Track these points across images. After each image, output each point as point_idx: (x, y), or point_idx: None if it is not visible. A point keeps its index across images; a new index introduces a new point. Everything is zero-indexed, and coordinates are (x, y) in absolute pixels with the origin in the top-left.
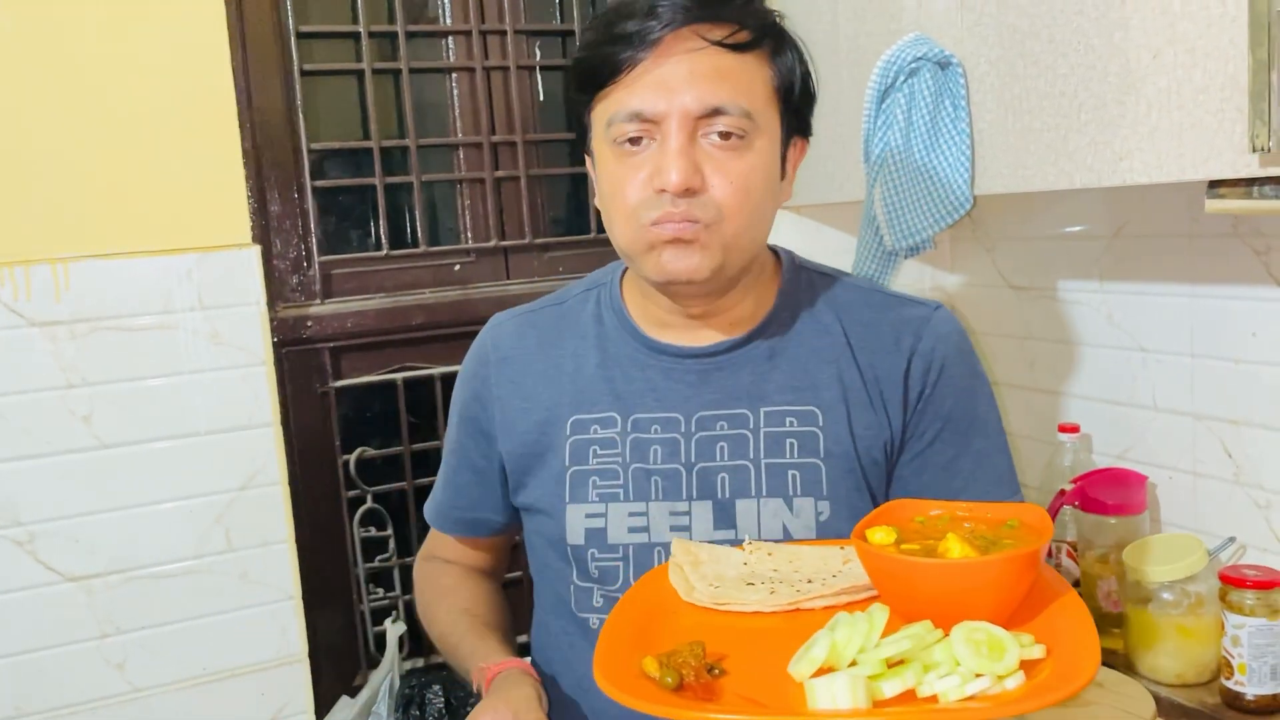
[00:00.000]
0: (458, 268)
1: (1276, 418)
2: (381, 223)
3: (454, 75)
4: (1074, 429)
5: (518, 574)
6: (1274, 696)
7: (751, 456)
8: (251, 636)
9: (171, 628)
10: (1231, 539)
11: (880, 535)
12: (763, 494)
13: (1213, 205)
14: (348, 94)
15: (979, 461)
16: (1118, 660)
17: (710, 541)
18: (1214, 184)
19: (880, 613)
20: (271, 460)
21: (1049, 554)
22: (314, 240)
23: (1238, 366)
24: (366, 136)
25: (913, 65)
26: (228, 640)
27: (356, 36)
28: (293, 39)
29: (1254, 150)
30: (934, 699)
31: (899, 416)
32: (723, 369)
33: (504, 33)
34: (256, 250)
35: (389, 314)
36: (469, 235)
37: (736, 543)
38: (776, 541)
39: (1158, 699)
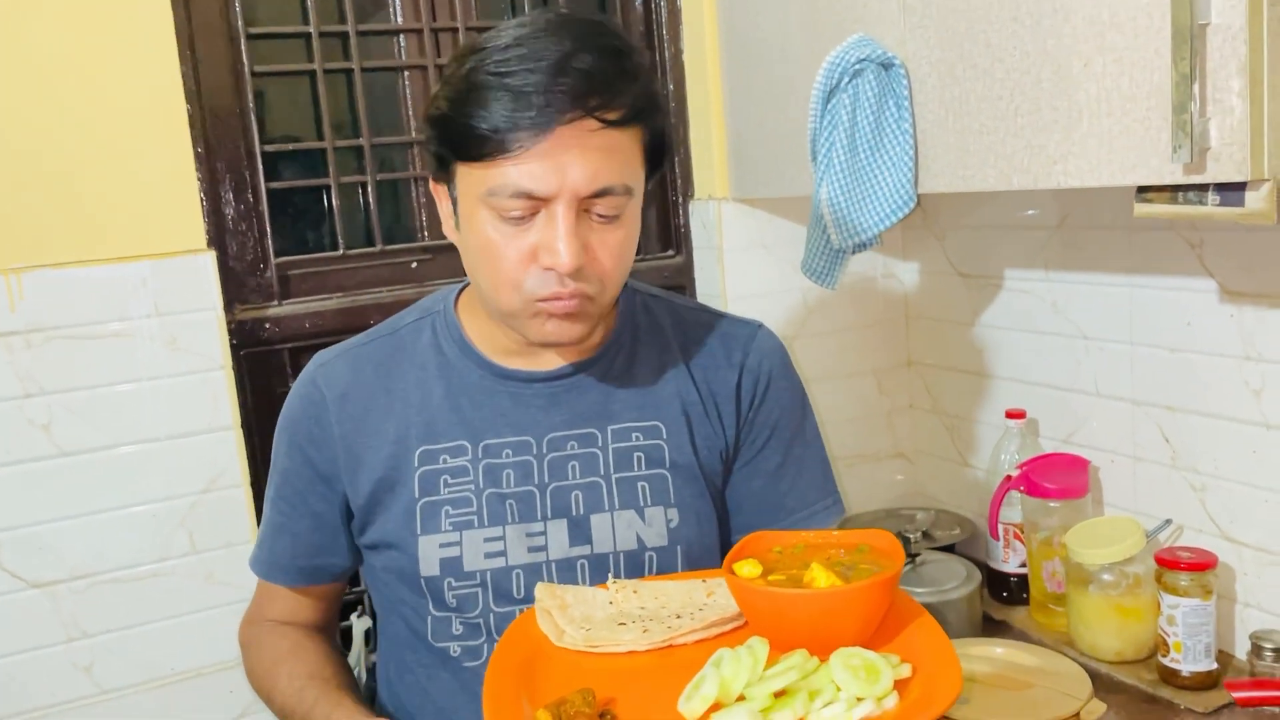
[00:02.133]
0: (415, 265)
1: (1210, 404)
2: (337, 222)
3: (406, 74)
4: (1020, 414)
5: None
6: (1208, 673)
7: (602, 472)
8: (218, 636)
9: (138, 630)
10: (1168, 521)
11: (747, 569)
12: (615, 507)
13: (1141, 210)
14: (300, 94)
15: (801, 467)
16: (1060, 639)
17: (567, 560)
18: (1142, 189)
19: (761, 646)
20: (233, 463)
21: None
22: (269, 242)
23: (1173, 355)
24: (320, 136)
25: (857, 66)
26: (194, 640)
27: (307, 37)
28: (243, 40)
29: (1176, 159)
30: None
31: (733, 427)
32: (570, 391)
33: (455, 30)
34: (212, 255)
35: (347, 313)
36: (425, 233)
37: (604, 566)
38: (641, 571)
39: (1097, 676)
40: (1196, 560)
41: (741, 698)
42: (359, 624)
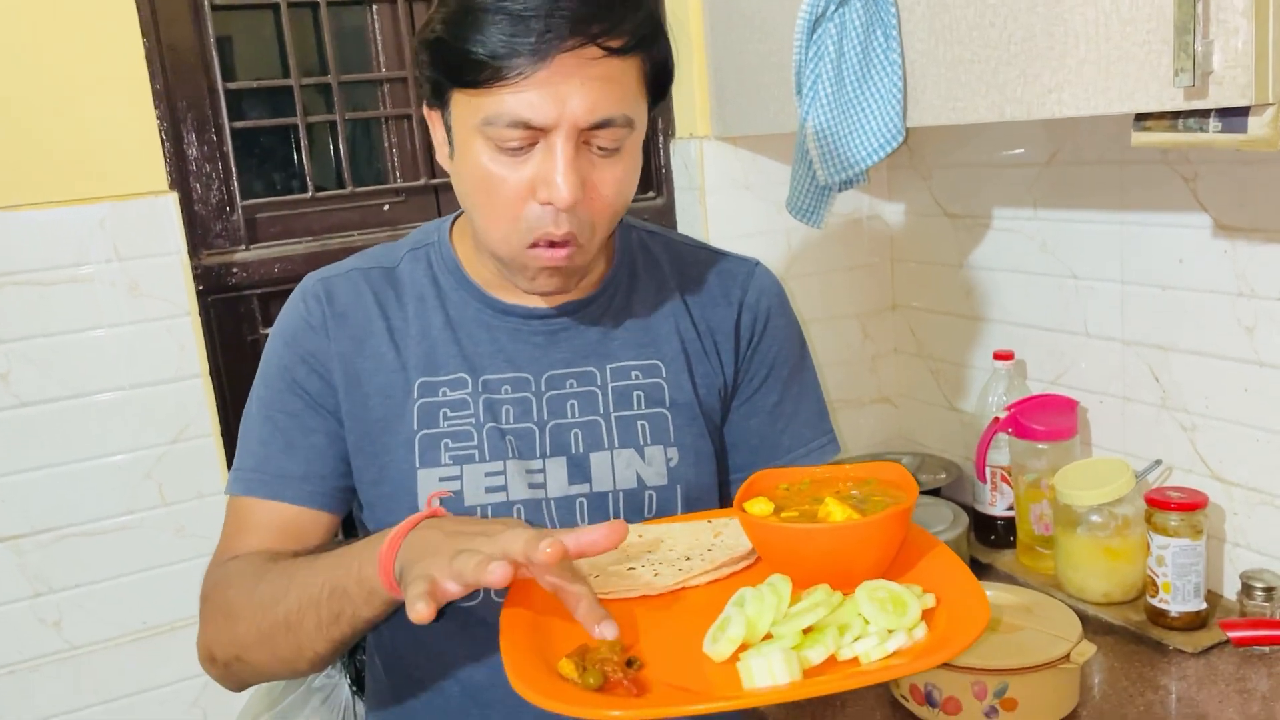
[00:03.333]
0: (387, 208)
1: (1200, 343)
2: (305, 164)
3: (375, 8)
4: (1008, 356)
5: None
6: (1196, 613)
7: (601, 411)
8: (190, 590)
9: (107, 584)
10: (1158, 462)
11: (759, 507)
12: (615, 446)
13: (1138, 138)
14: (264, 30)
15: (798, 405)
16: (1047, 582)
17: (566, 498)
18: (1140, 117)
19: (784, 583)
20: (203, 412)
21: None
22: (235, 184)
23: (1165, 293)
24: (285, 74)
25: None
26: (166, 594)
27: None
28: None
29: (1178, 84)
30: (855, 661)
31: (731, 364)
32: (569, 329)
33: None
34: (174, 197)
35: (317, 258)
36: (398, 174)
37: (603, 504)
38: (642, 523)
39: (1085, 617)
40: (1187, 500)
41: (768, 636)
42: None
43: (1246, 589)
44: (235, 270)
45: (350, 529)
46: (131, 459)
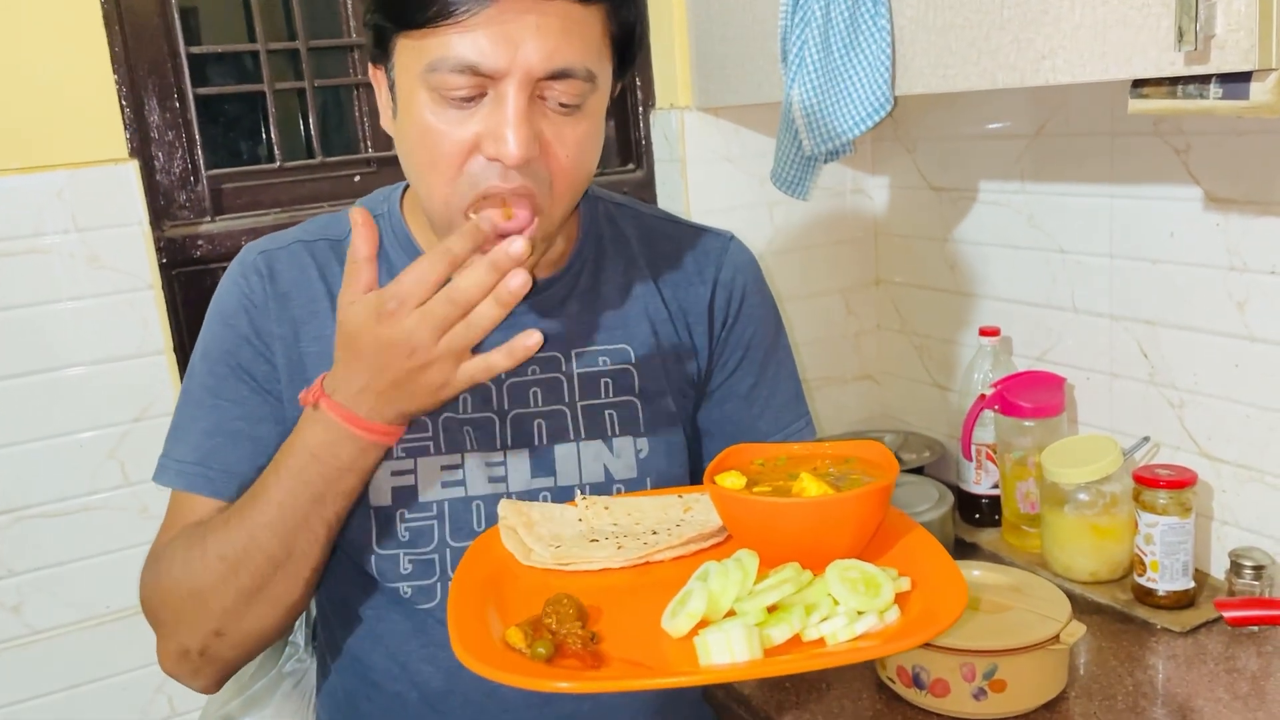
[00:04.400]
0: (358, 179)
1: (1190, 318)
2: (273, 132)
3: None
4: (994, 332)
5: None
6: (1184, 592)
7: (567, 400)
8: None
9: (69, 567)
10: (1146, 439)
11: (731, 480)
12: (581, 437)
13: (1135, 106)
14: None
15: (774, 387)
16: (1032, 561)
17: (528, 492)
18: (1137, 84)
19: (750, 558)
20: (167, 389)
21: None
22: (200, 153)
23: (1155, 267)
24: (252, 39)
25: None
26: (130, 577)
27: None
28: None
29: (1180, 48)
30: (821, 642)
31: (705, 347)
32: (530, 312)
33: None
34: (134, 165)
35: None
36: (369, 144)
37: (567, 499)
38: (610, 495)
39: (1071, 596)
40: (1176, 477)
41: (731, 613)
42: None
43: (1235, 567)
44: (200, 243)
45: None
46: (93, 437)
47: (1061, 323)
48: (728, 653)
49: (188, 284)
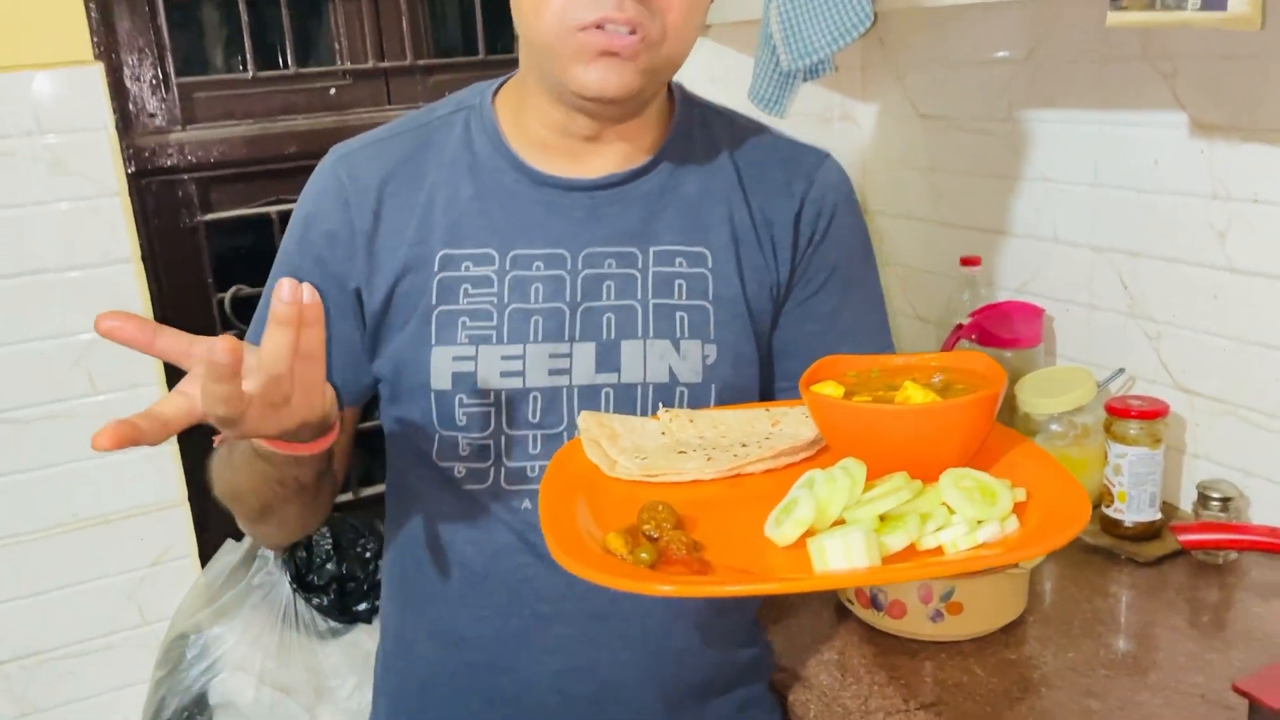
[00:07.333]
0: (333, 91)
1: (1171, 248)
2: (246, 41)
3: None
4: (975, 261)
5: None
6: (1150, 524)
7: (639, 297)
8: (126, 482)
9: (36, 474)
10: (1120, 370)
11: (828, 390)
12: (650, 335)
13: (1114, 19)
14: None
15: (860, 313)
16: None
17: (591, 386)
18: None
19: (857, 466)
20: (135, 297)
21: None
22: (170, 60)
23: (1139, 196)
24: None
25: None
26: (100, 486)
27: None
28: None
29: None
30: (938, 551)
31: (788, 261)
32: (613, 204)
33: None
34: (99, 68)
35: (258, 142)
36: (345, 56)
37: (629, 396)
38: (694, 409)
39: None
40: (1147, 408)
41: (839, 521)
42: None
43: (1202, 498)
44: (170, 151)
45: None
46: (58, 345)
47: (1043, 253)
48: (845, 559)
49: (158, 193)
